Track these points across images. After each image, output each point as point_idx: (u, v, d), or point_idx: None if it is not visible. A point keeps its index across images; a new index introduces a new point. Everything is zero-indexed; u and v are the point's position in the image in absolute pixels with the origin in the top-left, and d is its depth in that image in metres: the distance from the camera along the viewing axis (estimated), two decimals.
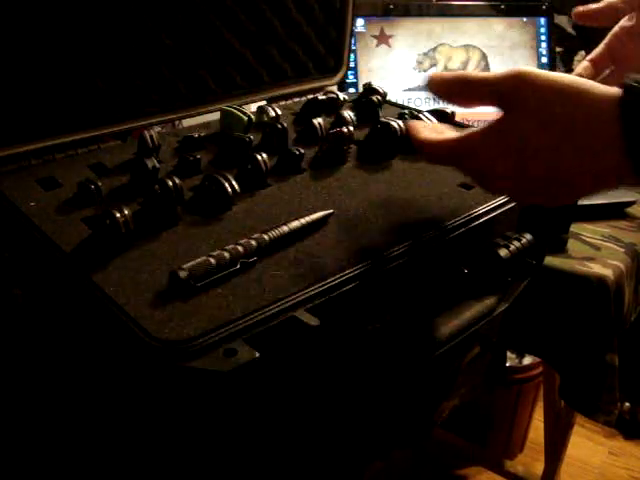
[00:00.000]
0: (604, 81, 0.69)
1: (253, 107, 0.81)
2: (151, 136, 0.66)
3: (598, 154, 0.43)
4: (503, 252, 0.62)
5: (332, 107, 0.82)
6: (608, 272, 0.85)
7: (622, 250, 0.91)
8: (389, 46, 1.26)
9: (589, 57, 0.70)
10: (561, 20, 1.51)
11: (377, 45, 1.26)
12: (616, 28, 0.67)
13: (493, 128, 0.48)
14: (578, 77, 0.45)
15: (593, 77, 0.69)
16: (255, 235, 0.51)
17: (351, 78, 1.24)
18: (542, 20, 1.32)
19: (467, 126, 0.78)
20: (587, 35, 1.50)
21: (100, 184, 0.57)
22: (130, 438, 0.49)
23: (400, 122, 0.70)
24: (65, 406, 0.57)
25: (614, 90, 0.43)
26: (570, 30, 1.56)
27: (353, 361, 0.53)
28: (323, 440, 0.58)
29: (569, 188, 0.47)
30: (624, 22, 0.67)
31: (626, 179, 0.44)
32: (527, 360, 1.42)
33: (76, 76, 0.65)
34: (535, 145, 0.45)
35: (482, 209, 0.60)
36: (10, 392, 0.60)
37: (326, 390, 0.53)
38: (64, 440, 0.58)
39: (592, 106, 0.43)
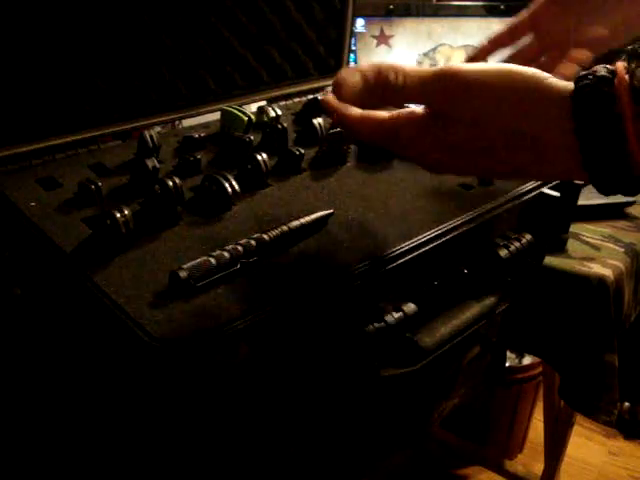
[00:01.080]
0: (522, 51, 0.68)
1: (253, 107, 0.81)
2: (151, 136, 0.66)
3: (547, 150, 0.40)
4: (503, 252, 0.62)
5: None
6: (608, 272, 0.85)
7: (622, 250, 0.91)
8: (389, 46, 1.26)
9: (508, 22, 0.69)
10: None
11: (377, 45, 1.26)
12: None
13: (423, 122, 0.43)
14: (511, 67, 0.40)
15: (509, 43, 0.69)
16: (255, 235, 0.51)
17: None
18: None
19: None
20: None
21: (100, 184, 0.57)
22: (129, 435, 0.50)
23: None
24: (65, 404, 0.57)
25: (564, 85, 0.39)
26: None
27: (352, 361, 0.53)
28: (322, 440, 0.58)
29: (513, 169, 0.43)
30: None
31: (574, 174, 0.40)
32: (527, 360, 1.42)
33: (76, 76, 0.65)
34: (473, 148, 0.42)
35: (482, 209, 0.60)
36: (10, 390, 0.60)
37: (325, 390, 0.53)
38: (64, 437, 0.58)
39: (539, 103, 0.39)
